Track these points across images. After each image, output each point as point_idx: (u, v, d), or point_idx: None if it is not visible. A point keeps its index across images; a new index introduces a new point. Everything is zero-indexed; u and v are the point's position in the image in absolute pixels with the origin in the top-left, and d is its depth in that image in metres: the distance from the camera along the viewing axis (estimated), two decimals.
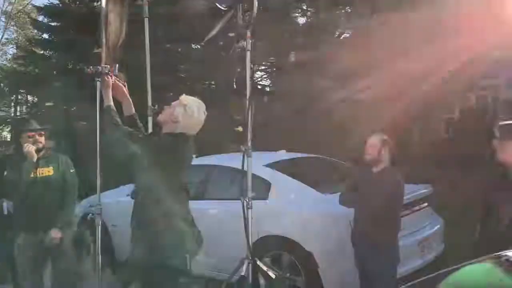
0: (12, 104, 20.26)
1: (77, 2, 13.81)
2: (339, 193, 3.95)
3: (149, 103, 4.31)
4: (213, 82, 9.43)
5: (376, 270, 3.48)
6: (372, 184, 3.54)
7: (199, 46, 9.05)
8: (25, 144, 3.80)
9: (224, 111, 7.71)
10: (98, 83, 3.04)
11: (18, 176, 3.77)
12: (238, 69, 7.52)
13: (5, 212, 5.10)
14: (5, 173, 3.87)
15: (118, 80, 3.06)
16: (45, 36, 14.76)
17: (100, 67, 3.04)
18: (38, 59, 14.46)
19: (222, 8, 3.77)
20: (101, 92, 3.06)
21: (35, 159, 3.79)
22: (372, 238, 3.45)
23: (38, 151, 3.84)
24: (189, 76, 7.99)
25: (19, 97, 19.64)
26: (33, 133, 3.86)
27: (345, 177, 4.53)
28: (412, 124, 8.32)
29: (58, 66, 13.51)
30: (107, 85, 3.05)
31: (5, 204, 5.10)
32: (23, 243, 3.82)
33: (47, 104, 14.72)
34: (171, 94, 7.00)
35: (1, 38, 23.97)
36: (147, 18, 4.14)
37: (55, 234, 3.76)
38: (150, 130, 4.21)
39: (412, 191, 4.24)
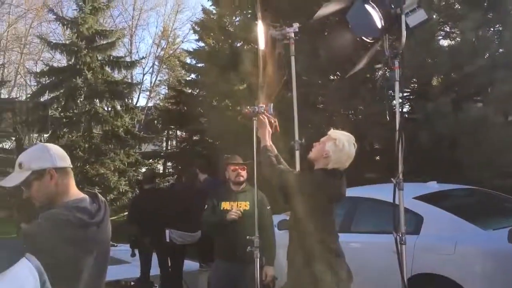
0: (164, 139, 22.30)
1: (220, 44, 14.96)
2: (506, 229, 3.58)
3: (296, 137, 4.41)
4: (350, 112, 9.37)
5: None
6: None
7: (336, 77, 9.10)
8: (228, 177, 4.10)
9: (366, 141, 7.58)
10: (254, 122, 3.18)
11: (217, 207, 4.06)
12: (377, 98, 7.42)
13: (167, 240, 5.62)
14: (207, 205, 4.15)
15: (271, 120, 3.19)
16: (193, 76, 16.20)
17: (256, 107, 3.19)
18: (186, 98, 15.89)
19: (368, 40, 3.76)
20: (257, 130, 3.21)
21: (234, 192, 4.06)
22: None
23: (238, 184, 4.09)
24: (330, 109, 8.05)
25: (170, 132, 21.58)
26: (236, 167, 4.09)
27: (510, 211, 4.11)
28: None
29: (204, 103, 14.66)
30: (263, 125, 3.19)
31: (167, 232, 5.62)
32: (218, 270, 4.09)
33: (194, 138, 16.04)
34: (315, 127, 7.13)
35: (155, 80, 26.92)
36: (293, 56, 4.28)
37: (270, 271, 3.91)
38: (297, 164, 4.31)
39: None
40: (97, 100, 14.58)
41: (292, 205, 3.07)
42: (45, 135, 14.02)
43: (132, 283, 6.55)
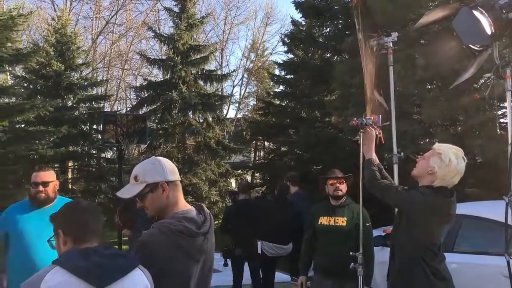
0: (252, 150, 22.69)
1: (309, 55, 14.96)
2: None
3: (394, 150, 4.26)
4: (448, 124, 8.86)
5: None
6: None
7: (433, 87, 8.67)
8: (327, 192, 4.05)
9: (467, 154, 7.09)
10: (361, 134, 3.08)
11: (313, 220, 4.05)
12: (482, 108, 6.93)
13: (259, 251, 5.67)
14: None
15: (376, 132, 3.08)
16: (281, 88, 16.33)
17: (364, 119, 3.09)
18: (275, 109, 16.04)
19: (476, 48, 3.53)
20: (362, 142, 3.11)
21: (332, 207, 4.00)
22: None
23: (336, 198, 4.00)
24: (426, 120, 7.63)
25: (258, 143, 21.91)
26: (334, 181, 4.01)
27: None
28: None
29: (292, 115, 14.70)
30: (370, 138, 3.08)
31: (259, 243, 5.67)
32: (314, 284, 4.07)
33: (282, 149, 16.13)
34: (410, 139, 6.83)
35: (244, 92, 27.59)
36: (391, 66, 4.16)
37: None
38: (396, 177, 4.15)
39: None
40: (191, 112, 15.18)
41: (394, 223, 2.95)
42: (143, 146, 14.85)
43: None
